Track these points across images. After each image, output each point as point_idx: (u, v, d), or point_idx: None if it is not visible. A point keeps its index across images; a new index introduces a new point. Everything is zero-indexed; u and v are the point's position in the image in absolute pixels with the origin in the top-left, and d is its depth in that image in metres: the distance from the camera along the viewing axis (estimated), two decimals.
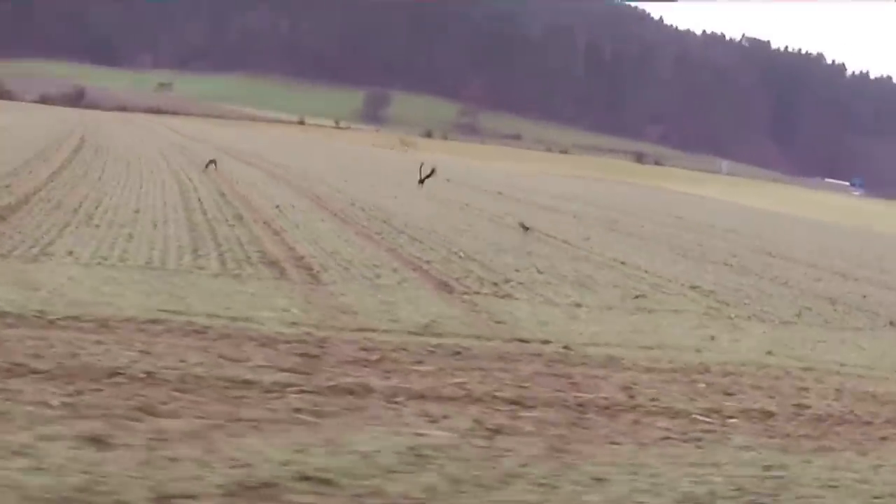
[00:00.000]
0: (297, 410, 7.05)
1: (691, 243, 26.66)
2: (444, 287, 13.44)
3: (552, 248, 20.21)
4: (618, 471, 6.30)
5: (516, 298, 13.30)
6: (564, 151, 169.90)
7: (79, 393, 6.79)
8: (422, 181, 28.82)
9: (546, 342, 10.61)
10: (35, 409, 6.26)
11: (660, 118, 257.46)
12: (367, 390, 7.83)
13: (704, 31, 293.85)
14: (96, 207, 17.93)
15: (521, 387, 8.61)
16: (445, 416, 7.30)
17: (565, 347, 10.41)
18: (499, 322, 11.43)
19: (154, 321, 9.25)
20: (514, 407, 7.89)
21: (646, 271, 18.15)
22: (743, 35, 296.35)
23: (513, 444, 6.72)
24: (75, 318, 9.13)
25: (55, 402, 6.51)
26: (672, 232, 30.14)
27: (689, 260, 21.91)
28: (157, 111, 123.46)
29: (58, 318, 9.02)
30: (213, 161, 29.27)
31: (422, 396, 7.87)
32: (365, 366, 8.64)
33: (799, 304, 16.50)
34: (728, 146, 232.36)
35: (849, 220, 66.53)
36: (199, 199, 21.50)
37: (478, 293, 13.29)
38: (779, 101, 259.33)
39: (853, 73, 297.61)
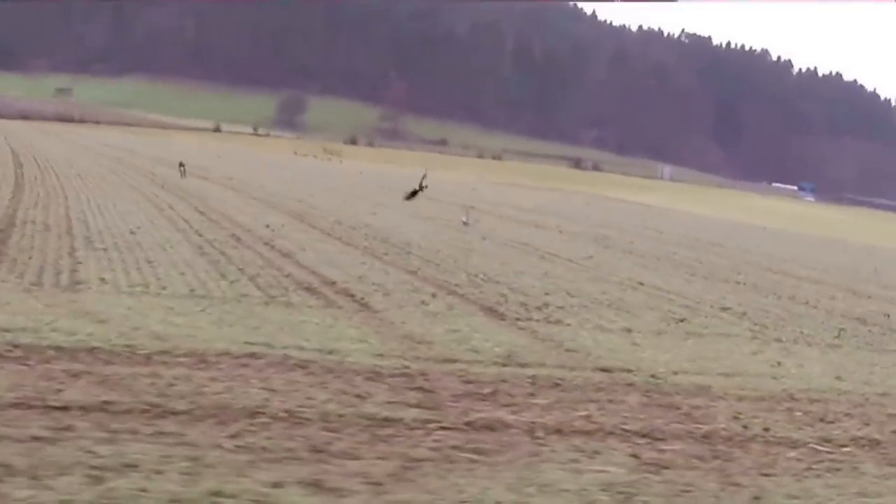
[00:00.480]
0: (455, 448, 7.54)
1: (690, 260, 27.66)
2: (494, 314, 13.99)
3: (563, 269, 20.88)
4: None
5: (568, 324, 13.89)
6: (498, 157, 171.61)
7: (240, 435, 7.17)
8: (410, 196, 29.29)
9: (628, 371, 11.21)
10: (220, 453, 6.65)
11: (595, 121, 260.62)
12: (505, 425, 8.35)
13: (641, 28, 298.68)
14: (87, 229, 18.08)
15: (639, 419, 9.19)
16: (597, 452, 7.84)
17: (653, 377, 11.04)
18: (570, 350, 12.02)
19: (252, 355, 9.65)
20: (649, 440, 8.46)
21: (668, 292, 18.91)
22: (682, 31, 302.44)
23: (689, 479, 7.30)
24: (167, 352, 9.49)
25: (228, 444, 6.90)
26: (663, 247, 31.09)
27: (701, 279, 22.81)
28: (64, 119, 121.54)
29: (152, 353, 9.34)
30: (182, 165, 29.68)
31: (559, 431, 8.41)
32: (483, 399, 9.15)
33: (832, 326, 17.41)
34: (668, 150, 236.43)
35: (816, 230, 68.79)
36: (184, 219, 21.73)
37: (530, 319, 13.85)
38: (721, 101, 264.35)
39: (800, 70, 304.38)
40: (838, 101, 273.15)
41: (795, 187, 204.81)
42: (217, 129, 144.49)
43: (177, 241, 17.60)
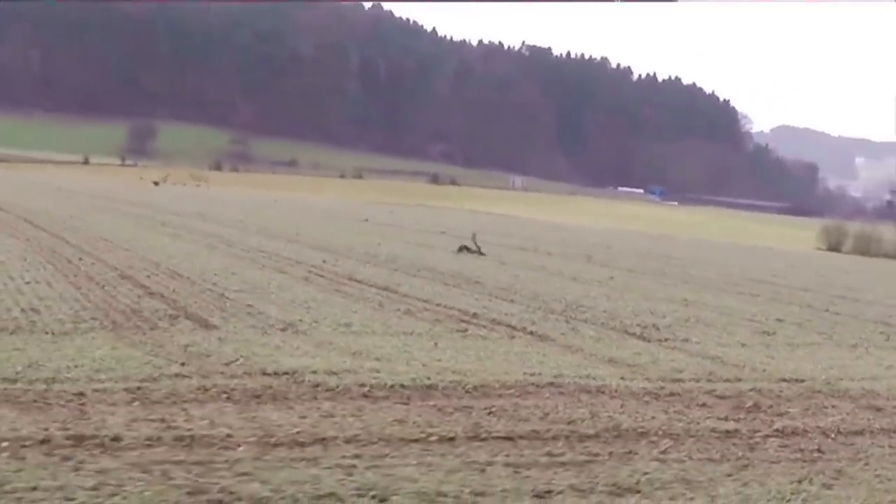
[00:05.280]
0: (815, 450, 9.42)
1: (680, 274, 30.14)
2: (639, 337, 15.86)
3: (610, 291, 22.89)
4: None
5: (696, 343, 15.86)
6: (358, 176, 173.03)
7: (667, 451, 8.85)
8: (468, 249, 30.63)
9: (800, 380, 13.25)
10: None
11: (441, 136, 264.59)
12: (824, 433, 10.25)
13: (482, 42, 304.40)
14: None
15: (871, 419, 11.21)
16: None
17: (827, 383, 13.13)
18: (736, 365, 13.97)
19: (553, 384, 11.23)
20: None
21: (714, 308, 21.16)
22: (523, 43, 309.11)
23: None
24: (472, 385, 10.90)
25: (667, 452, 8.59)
26: (636, 264, 33.52)
27: (716, 290, 25.20)
28: None
29: (473, 387, 10.77)
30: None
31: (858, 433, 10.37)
32: (780, 414, 10.98)
33: (864, 329, 19.94)
34: (515, 161, 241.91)
35: (707, 234, 73.27)
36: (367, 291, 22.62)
37: (667, 340, 15.79)
38: (564, 110, 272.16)
39: (640, 76, 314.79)
40: (679, 104, 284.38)
41: (642, 190, 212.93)
42: (86, 162, 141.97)
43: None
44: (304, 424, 8.59)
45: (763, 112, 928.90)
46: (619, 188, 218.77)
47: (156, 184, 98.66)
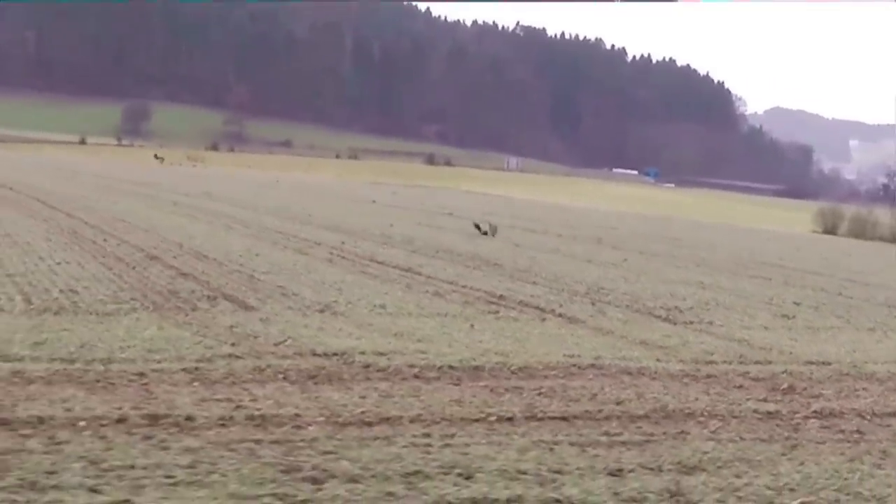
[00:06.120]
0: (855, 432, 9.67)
1: (690, 256, 30.45)
2: (665, 319, 16.11)
3: (626, 273, 23.15)
4: None
5: (720, 325, 16.11)
6: (354, 157, 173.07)
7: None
8: (484, 232, 30.92)
9: (826, 363, 13.52)
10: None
11: (435, 116, 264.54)
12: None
13: (476, 22, 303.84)
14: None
15: None
16: None
17: (854, 366, 13.42)
18: (763, 348, 14.22)
19: (594, 366, 11.46)
20: None
21: (730, 291, 21.43)
22: (517, 23, 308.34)
23: None
24: (518, 366, 11.14)
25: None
26: (645, 246, 33.82)
27: (728, 273, 25.54)
28: None
29: (518, 368, 10.99)
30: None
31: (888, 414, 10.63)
32: (815, 396, 11.23)
33: (879, 313, 20.26)
34: (509, 141, 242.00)
35: (705, 217, 73.71)
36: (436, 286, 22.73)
37: (692, 323, 16.03)
38: (558, 91, 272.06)
39: (634, 57, 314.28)
40: (673, 86, 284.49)
41: (636, 172, 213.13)
42: (83, 142, 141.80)
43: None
44: (366, 404, 8.80)
45: (757, 94, 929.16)
46: (614, 170, 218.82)
47: (160, 158, 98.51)
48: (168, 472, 6.46)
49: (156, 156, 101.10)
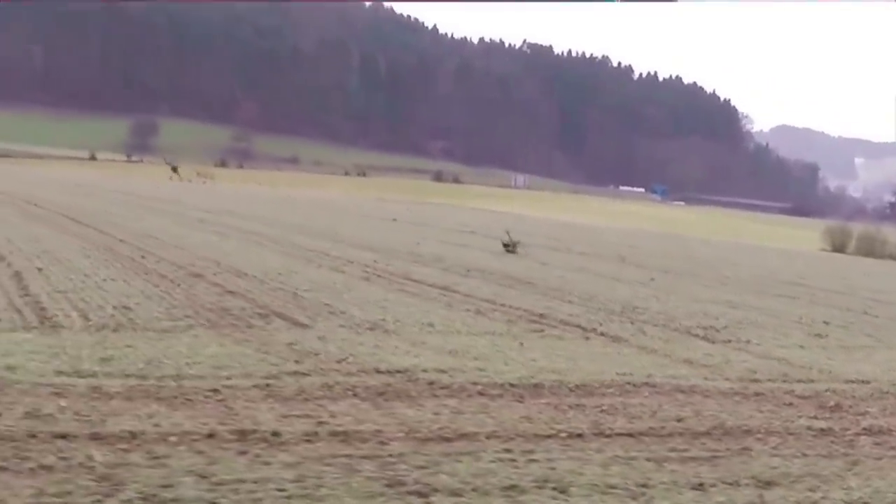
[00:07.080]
0: None
1: (714, 275, 30.71)
2: (703, 338, 16.38)
3: (656, 292, 23.41)
4: None
5: (757, 344, 16.38)
6: (362, 174, 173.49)
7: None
8: (508, 246, 31.26)
9: (866, 382, 13.79)
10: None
11: (442, 133, 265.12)
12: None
13: (482, 39, 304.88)
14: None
15: None
16: None
17: (893, 384, 13.69)
18: (803, 367, 14.49)
19: (647, 384, 11.73)
20: None
21: (760, 310, 21.69)
22: (524, 41, 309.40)
23: None
24: (576, 384, 11.40)
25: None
26: (667, 264, 34.10)
27: (754, 293, 25.81)
28: None
29: (575, 386, 11.27)
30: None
31: None
32: (862, 414, 11.48)
33: None
34: (515, 158, 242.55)
35: (714, 234, 73.99)
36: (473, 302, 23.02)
37: (730, 341, 16.31)
38: (565, 109, 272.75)
39: (641, 75, 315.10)
40: (680, 104, 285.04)
41: (643, 189, 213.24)
42: (93, 157, 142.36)
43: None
44: (441, 420, 9.06)
45: (763, 112, 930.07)
46: (621, 187, 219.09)
47: (176, 171, 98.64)
48: (278, 485, 6.72)
49: (173, 168, 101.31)
